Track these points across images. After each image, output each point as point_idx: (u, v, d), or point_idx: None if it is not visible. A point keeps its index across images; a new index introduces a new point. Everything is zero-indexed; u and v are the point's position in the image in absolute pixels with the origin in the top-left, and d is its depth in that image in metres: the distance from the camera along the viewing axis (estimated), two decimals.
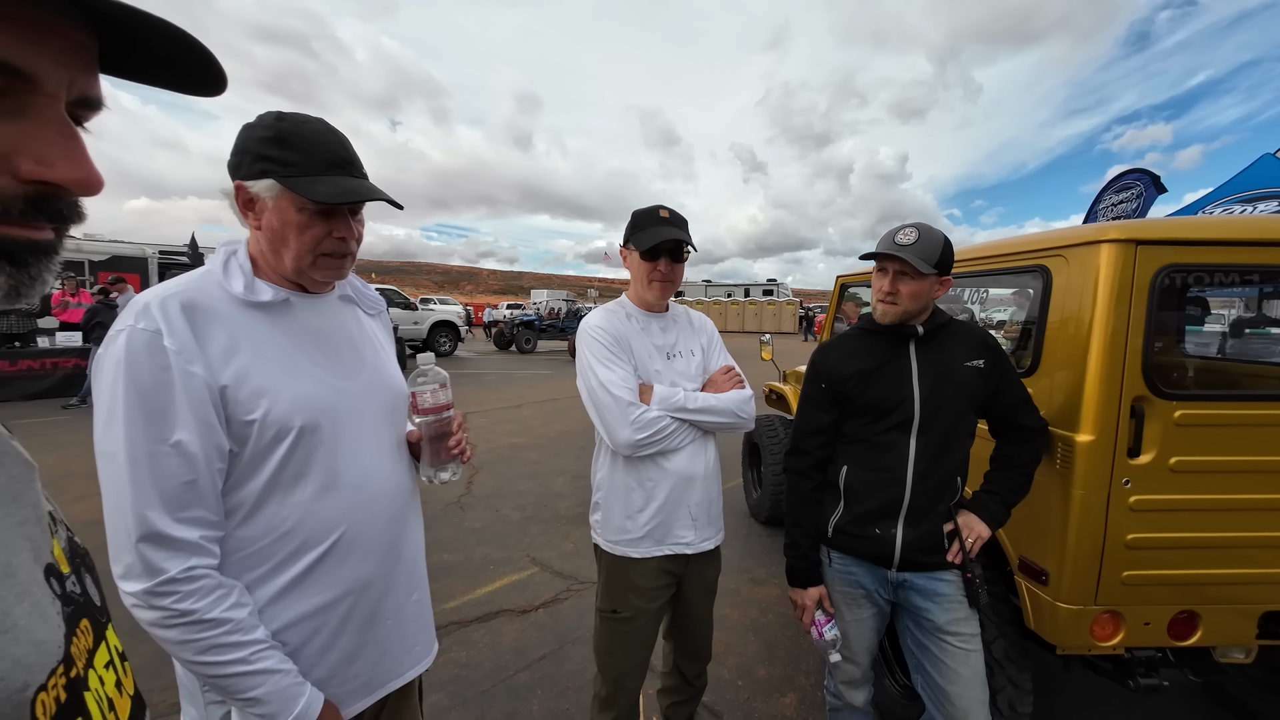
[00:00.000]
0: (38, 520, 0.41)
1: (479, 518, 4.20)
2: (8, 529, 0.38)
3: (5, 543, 0.37)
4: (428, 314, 14.76)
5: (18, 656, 0.34)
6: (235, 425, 0.84)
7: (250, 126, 0.88)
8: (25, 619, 0.35)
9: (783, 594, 3.17)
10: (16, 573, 0.36)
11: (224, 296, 0.88)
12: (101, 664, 0.43)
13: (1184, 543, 1.55)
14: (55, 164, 0.36)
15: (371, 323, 1.14)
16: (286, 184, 0.86)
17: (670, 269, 1.53)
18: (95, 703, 0.41)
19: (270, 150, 0.86)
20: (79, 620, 0.41)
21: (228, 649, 0.80)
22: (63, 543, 0.45)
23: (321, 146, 0.88)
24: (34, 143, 0.35)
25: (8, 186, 0.35)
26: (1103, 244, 1.53)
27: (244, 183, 0.87)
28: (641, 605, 1.56)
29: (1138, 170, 5.25)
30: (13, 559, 0.37)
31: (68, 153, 0.37)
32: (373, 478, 0.99)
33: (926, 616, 1.48)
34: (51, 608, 0.38)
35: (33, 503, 0.41)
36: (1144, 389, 1.50)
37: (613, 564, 1.57)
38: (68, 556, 0.44)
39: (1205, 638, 1.59)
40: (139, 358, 0.78)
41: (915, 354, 1.48)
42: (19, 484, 0.41)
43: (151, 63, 0.42)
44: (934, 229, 1.43)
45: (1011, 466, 1.54)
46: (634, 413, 1.45)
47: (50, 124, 0.36)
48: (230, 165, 0.89)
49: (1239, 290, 3.34)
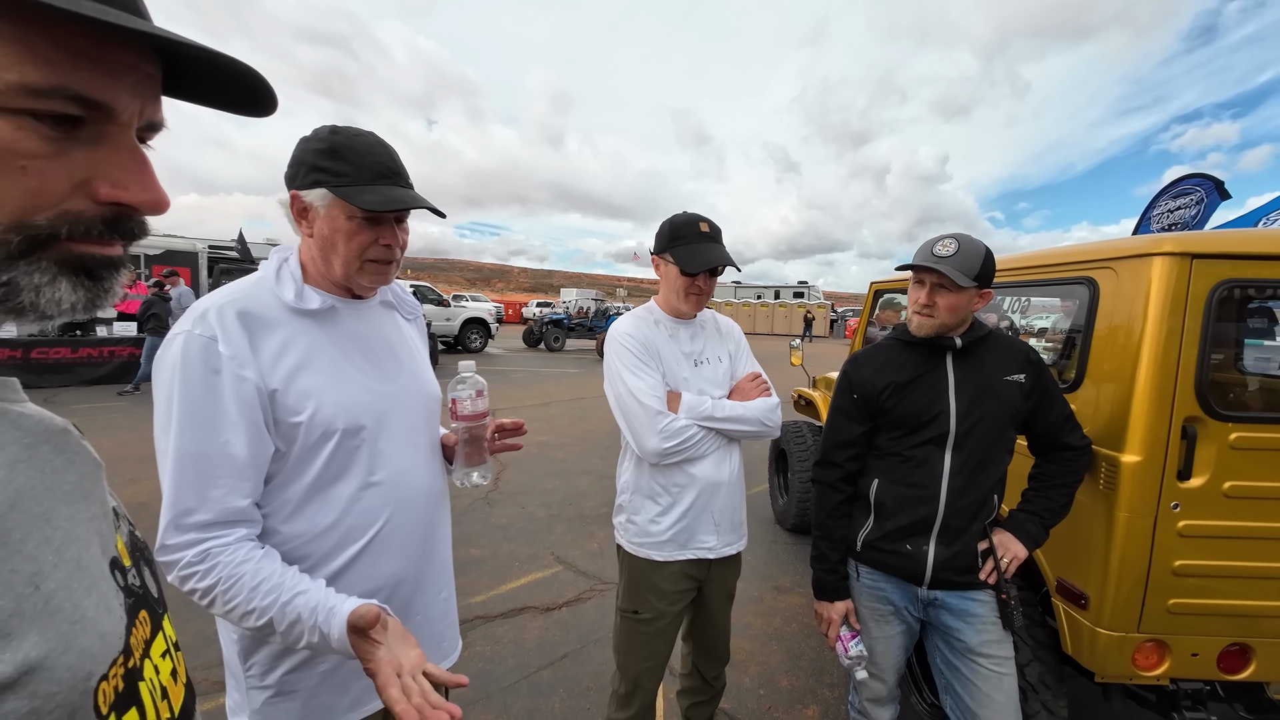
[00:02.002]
0: (104, 516, 0.44)
1: (506, 514, 4.26)
2: (79, 525, 0.40)
3: (76, 538, 0.39)
4: (460, 310, 15.05)
5: (85, 647, 0.36)
6: (283, 427, 0.88)
7: (306, 140, 0.93)
8: (93, 611, 0.37)
9: (807, 603, 3.13)
10: (87, 567, 0.39)
11: (276, 303, 0.92)
12: (158, 653, 0.46)
13: (1237, 572, 1.47)
14: (129, 187, 0.39)
15: (409, 327, 1.18)
16: (338, 193, 0.89)
17: (708, 284, 1.54)
18: (149, 692, 0.43)
19: (323, 161, 0.90)
20: (138, 612, 0.44)
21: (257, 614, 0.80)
22: (125, 537, 0.47)
23: (371, 158, 0.92)
24: (110, 168, 0.38)
25: (88, 209, 0.38)
26: (1155, 257, 1.47)
27: (299, 192, 0.92)
28: (662, 608, 1.57)
29: (1198, 175, 4.99)
30: (83, 553, 0.39)
31: (139, 177, 0.39)
32: (409, 477, 1.02)
33: (958, 637, 1.44)
34: (115, 600, 0.41)
35: (100, 500, 0.44)
36: (1197, 409, 1.43)
37: (635, 566, 1.59)
38: (129, 550, 0.47)
39: (1259, 673, 1.50)
40: (194, 362, 0.83)
41: (953, 367, 1.45)
42: (89, 482, 0.43)
43: (210, 87, 0.45)
44: (975, 240, 1.39)
45: (1052, 486, 1.49)
46: (662, 421, 1.46)
47: (124, 150, 0.39)
48: (287, 176, 0.93)
49: None
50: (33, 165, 0.35)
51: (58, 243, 0.37)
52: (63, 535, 0.38)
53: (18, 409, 0.40)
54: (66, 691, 0.34)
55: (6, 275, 0.35)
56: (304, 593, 0.81)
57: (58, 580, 0.36)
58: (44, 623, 0.34)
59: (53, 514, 0.38)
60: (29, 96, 0.34)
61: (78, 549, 0.39)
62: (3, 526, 0.34)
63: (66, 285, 0.38)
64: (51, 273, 0.37)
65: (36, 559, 0.35)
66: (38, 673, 0.32)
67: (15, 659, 0.31)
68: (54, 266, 0.37)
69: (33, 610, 0.33)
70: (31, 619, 0.33)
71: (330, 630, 0.79)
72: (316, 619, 0.79)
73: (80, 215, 0.37)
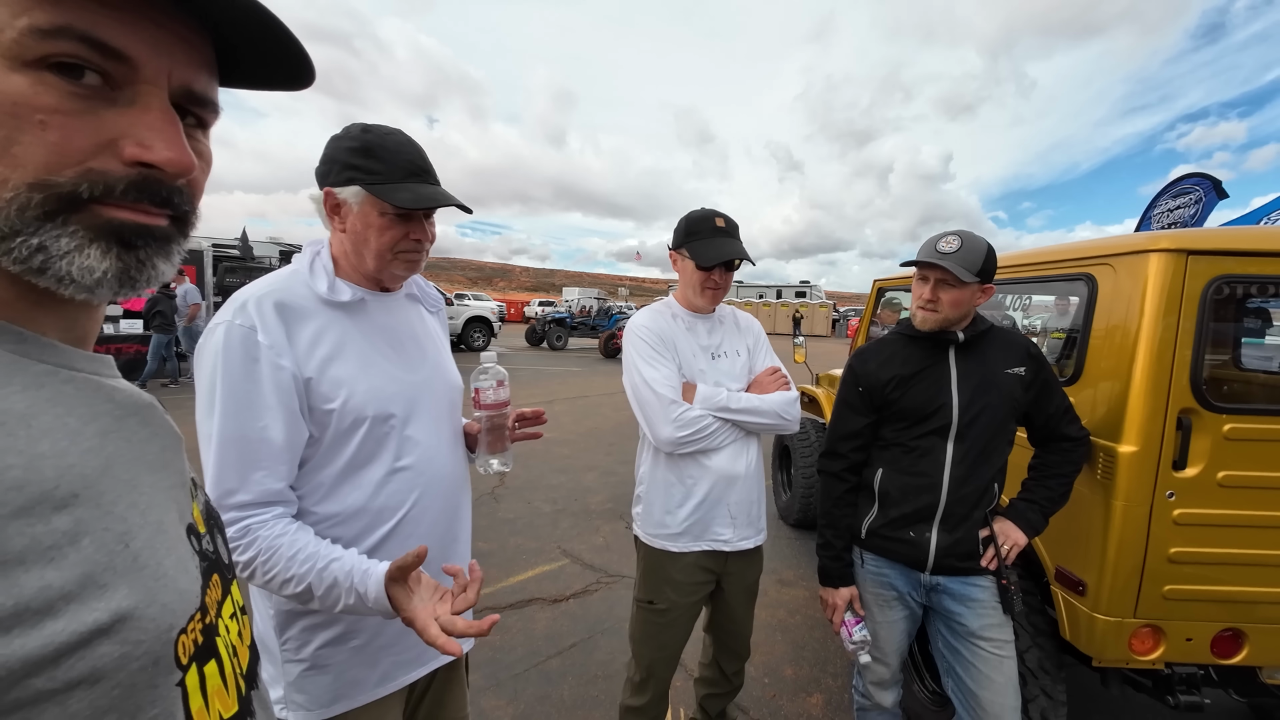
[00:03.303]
0: (182, 485, 0.47)
1: (512, 509, 4.31)
2: (160, 492, 0.43)
3: (157, 504, 0.42)
4: (463, 309, 15.10)
5: (166, 602, 0.38)
6: (317, 413, 0.93)
7: (338, 138, 0.97)
8: (173, 570, 0.40)
9: (811, 596, 3.18)
10: (167, 530, 0.42)
11: (309, 295, 0.96)
12: (227, 615, 0.49)
13: (1230, 559, 1.52)
14: (153, 145, 0.37)
15: (432, 319, 1.23)
16: (372, 190, 0.94)
17: (724, 278, 1.57)
18: (224, 647, 0.46)
19: (357, 160, 0.94)
20: (211, 575, 0.47)
21: (295, 581, 0.85)
22: (201, 506, 0.51)
23: (402, 157, 0.96)
24: (138, 128, 0.37)
25: (113, 169, 0.37)
26: (1152, 253, 1.52)
27: (333, 189, 0.96)
28: (676, 599, 1.60)
29: (1197, 175, 5.03)
30: (164, 518, 0.42)
31: (163, 136, 0.38)
32: (434, 463, 1.07)
33: (959, 621, 1.49)
34: (191, 562, 0.43)
35: (179, 470, 0.47)
36: (1192, 401, 1.48)
37: (651, 556, 1.62)
38: (204, 518, 0.50)
39: (1251, 657, 1.55)
40: (234, 350, 0.87)
41: (955, 361, 1.49)
42: (170, 453, 0.46)
43: (252, 63, 0.45)
44: (977, 236, 1.44)
45: (1051, 475, 1.53)
46: (676, 411, 1.49)
47: (153, 110, 0.38)
48: (319, 173, 0.98)
49: None
50: (53, 120, 0.34)
51: (85, 205, 0.36)
52: (147, 500, 0.40)
53: (111, 383, 0.43)
54: (151, 640, 0.37)
55: (36, 239, 0.35)
56: (338, 559, 0.87)
57: (143, 540, 0.38)
58: (132, 577, 0.36)
59: (138, 480, 0.40)
60: (39, 39, 0.33)
61: (159, 513, 0.41)
62: (96, 489, 0.36)
63: (96, 252, 0.37)
64: (81, 238, 0.36)
65: (125, 520, 0.38)
66: (128, 621, 0.35)
67: (109, 607, 0.34)
68: (83, 231, 0.36)
69: (123, 565, 0.36)
70: (121, 573, 0.36)
71: (367, 588, 0.84)
72: (353, 580, 0.85)
73: (105, 174, 0.36)
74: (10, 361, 0.36)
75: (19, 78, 0.33)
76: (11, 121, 0.33)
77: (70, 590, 0.32)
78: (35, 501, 0.32)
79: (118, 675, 0.34)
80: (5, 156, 0.34)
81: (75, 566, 0.33)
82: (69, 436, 0.36)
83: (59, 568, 0.32)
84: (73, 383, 0.39)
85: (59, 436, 0.36)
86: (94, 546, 0.35)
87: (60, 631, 0.31)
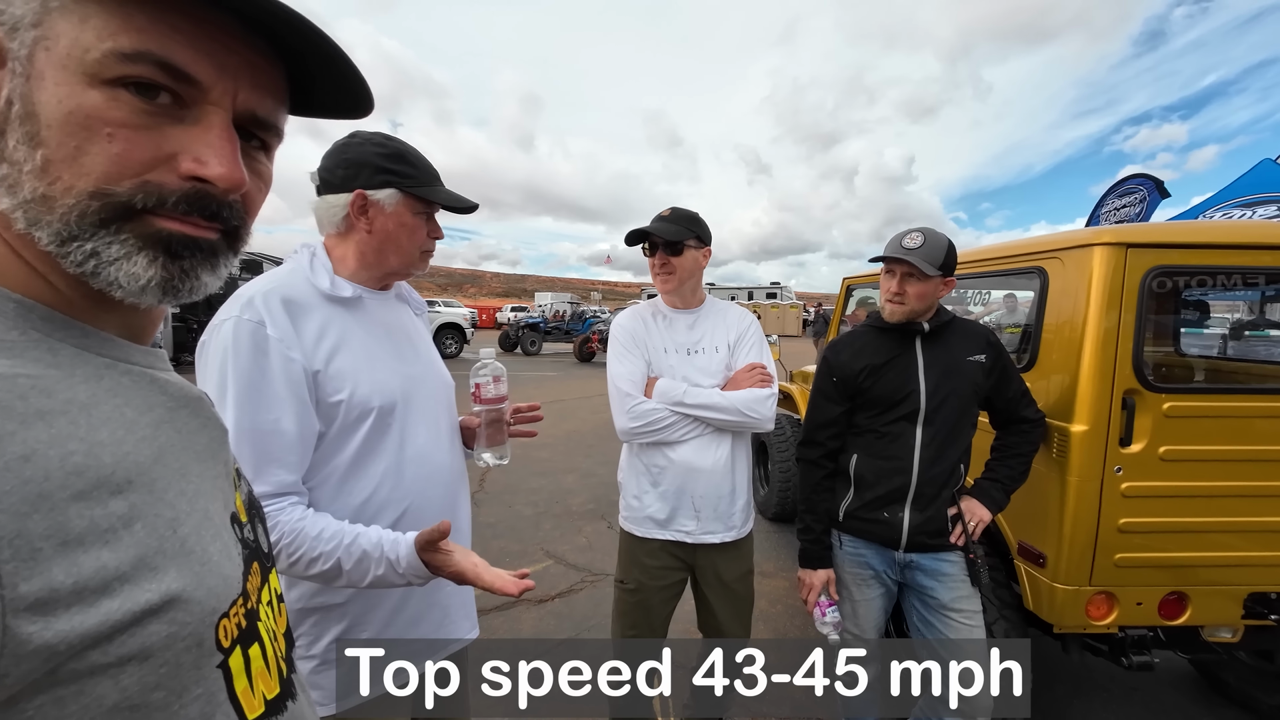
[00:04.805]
0: (227, 475, 0.49)
1: (493, 513, 4.31)
2: (207, 481, 0.44)
3: (204, 492, 0.43)
4: (434, 315, 14.91)
5: (211, 586, 0.40)
6: (324, 406, 0.95)
7: (358, 144, 1.01)
8: (217, 556, 0.42)
9: (790, 586, 3.27)
10: (212, 518, 0.43)
11: (312, 291, 0.99)
12: (266, 601, 0.50)
13: (1173, 527, 1.65)
14: (208, 162, 0.39)
15: (417, 321, 1.26)
16: (414, 192, 1.01)
17: (664, 262, 1.59)
18: (266, 631, 0.48)
19: (391, 164, 1.00)
20: (252, 563, 0.48)
21: (324, 558, 0.87)
22: (244, 496, 0.53)
23: (426, 162, 1.04)
24: (197, 145, 0.39)
25: (169, 182, 0.38)
26: (1095, 247, 1.64)
27: (365, 191, 1.00)
28: (644, 580, 1.66)
29: (1142, 175, 5.35)
30: (210, 506, 0.43)
31: (219, 153, 0.40)
32: (434, 456, 1.10)
33: (932, 595, 1.58)
34: (235, 549, 0.45)
35: (225, 461, 0.49)
36: (1134, 383, 1.61)
37: (625, 538, 1.72)
38: (246, 508, 0.52)
39: (1194, 617, 1.69)
40: (244, 344, 0.88)
41: (921, 350, 1.59)
42: (217, 445, 0.48)
43: (326, 94, 0.48)
44: (938, 233, 1.54)
45: (1011, 455, 1.64)
46: (630, 403, 1.57)
47: (214, 129, 0.40)
48: (342, 177, 1.00)
49: (1241, 294, 3.44)
50: (119, 133, 0.36)
51: (139, 215, 0.38)
52: (195, 489, 0.42)
53: (165, 376, 0.45)
54: (196, 623, 0.38)
55: (91, 245, 0.37)
56: (364, 533, 0.90)
57: (190, 526, 0.40)
58: (180, 561, 0.38)
59: (188, 470, 0.42)
60: (120, 62, 0.35)
61: (206, 502, 0.43)
62: (149, 476, 0.38)
63: (143, 260, 0.38)
64: (130, 246, 0.38)
65: (175, 507, 0.39)
66: (176, 603, 0.37)
67: (160, 589, 0.36)
68: (134, 239, 0.38)
69: (172, 549, 0.38)
70: (171, 557, 0.37)
71: (399, 554, 0.87)
72: (383, 549, 0.88)
73: (161, 187, 0.38)
74: (74, 355, 0.38)
75: (96, 93, 0.36)
76: (84, 133, 0.36)
77: (125, 571, 0.34)
78: (94, 486, 0.34)
79: (165, 654, 0.36)
80: (74, 165, 0.36)
81: (129, 549, 0.35)
82: (125, 426, 0.38)
83: (114, 550, 0.34)
84: (130, 375, 0.41)
85: (116, 425, 0.38)
86: (146, 531, 0.36)
87: (115, 610, 0.33)
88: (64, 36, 0.35)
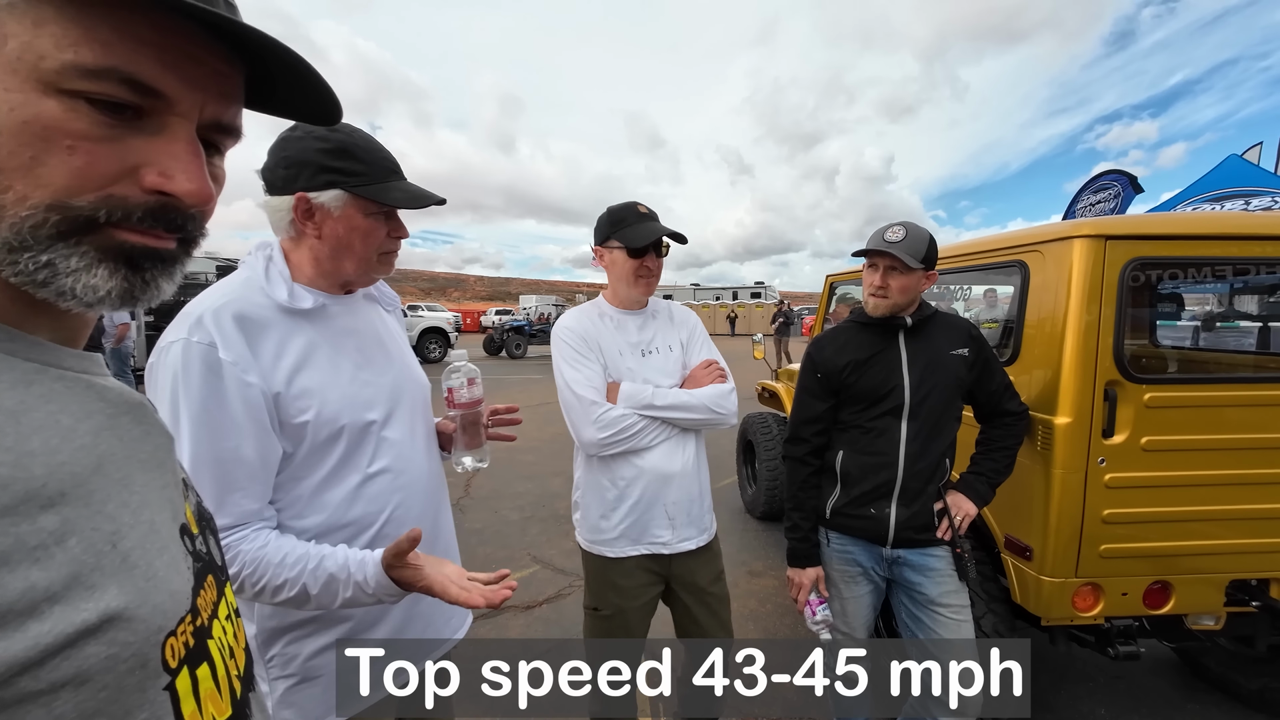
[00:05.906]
0: (175, 485, 0.46)
1: (479, 518, 4.25)
2: (153, 491, 0.42)
3: (150, 503, 0.41)
4: (417, 320, 14.75)
5: (156, 603, 0.38)
6: (289, 428, 0.89)
7: (299, 139, 0.90)
8: (164, 570, 0.39)
9: (780, 585, 3.26)
10: (159, 530, 0.41)
11: (268, 304, 0.90)
12: (223, 616, 0.48)
13: (1156, 517, 1.66)
14: (174, 176, 0.38)
15: (390, 319, 1.20)
16: (360, 192, 0.90)
17: (656, 264, 1.52)
18: (218, 650, 0.45)
19: (335, 161, 0.89)
20: (205, 576, 0.46)
21: (289, 585, 0.83)
22: (193, 506, 0.50)
23: (378, 155, 0.93)
24: (161, 157, 0.38)
25: (132, 195, 0.37)
26: (1075, 239, 1.65)
27: (307, 194, 0.90)
28: (621, 603, 1.54)
29: (1115, 171, 5.46)
30: (156, 518, 0.41)
31: (186, 167, 0.39)
32: (411, 465, 1.05)
33: (920, 590, 1.57)
34: (184, 563, 0.42)
35: (172, 470, 0.46)
36: (1116, 374, 1.61)
37: (592, 563, 1.57)
38: (196, 519, 0.49)
39: (1178, 606, 1.70)
40: (194, 369, 0.80)
41: (905, 344, 1.58)
42: (163, 453, 0.45)
43: (284, 97, 0.47)
44: (920, 227, 1.53)
45: (995, 449, 1.64)
46: (597, 411, 1.44)
47: (179, 141, 0.39)
48: (283, 178, 0.90)
49: (1211, 287, 3.51)
50: (80, 146, 0.35)
51: (100, 228, 0.36)
52: (139, 499, 0.40)
53: (103, 382, 0.42)
54: (140, 642, 0.36)
55: (46, 256, 0.35)
56: (330, 555, 0.85)
57: (134, 540, 0.38)
58: (122, 577, 0.36)
59: (131, 480, 0.40)
60: (82, 77, 0.34)
61: (151, 513, 0.41)
62: (87, 488, 0.36)
63: (104, 272, 0.37)
64: (90, 259, 0.36)
65: (115, 519, 0.37)
66: (117, 622, 0.34)
67: (98, 608, 0.34)
68: (94, 252, 0.37)
69: (111, 565, 0.35)
70: (110, 573, 0.35)
71: (366, 575, 0.83)
72: (349, 571, 0.83)
73: (124, 200, 0.37)
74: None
75: (53, 103, 0.33)
76: (40, 144, 0.34)
77: (56, 591, 0.32)
78: (21, 500, 0.32)
79: (105, 677, 0.34)
80: (29, 176, 0.34)
81: (62, 567, 0.33)
82: (61, 434, 0.36)
83: (45, 568, 0.32)
84: (64, 380, 0.38)
85: (50, 434, 0.35)
86: (81, 546, 0.34)
87: (46, 633, 0.31)
88: (13, 38, 0.33)
